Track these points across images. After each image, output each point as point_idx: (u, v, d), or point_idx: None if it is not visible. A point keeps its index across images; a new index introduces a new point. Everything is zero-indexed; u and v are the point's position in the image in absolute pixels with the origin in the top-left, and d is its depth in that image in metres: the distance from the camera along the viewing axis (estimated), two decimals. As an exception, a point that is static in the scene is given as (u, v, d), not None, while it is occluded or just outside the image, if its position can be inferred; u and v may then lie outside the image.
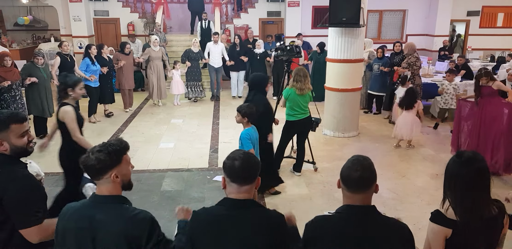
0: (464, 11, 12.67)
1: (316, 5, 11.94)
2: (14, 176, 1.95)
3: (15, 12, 14.07)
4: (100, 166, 1.77)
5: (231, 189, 1.83)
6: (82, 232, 1.75)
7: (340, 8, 6.30)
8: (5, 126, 1.98)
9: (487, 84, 5.37)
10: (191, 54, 9.31)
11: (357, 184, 1.77)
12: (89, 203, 1.83)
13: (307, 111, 5.25)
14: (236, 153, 1.86)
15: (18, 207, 1.92)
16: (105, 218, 1.74)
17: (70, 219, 1.79)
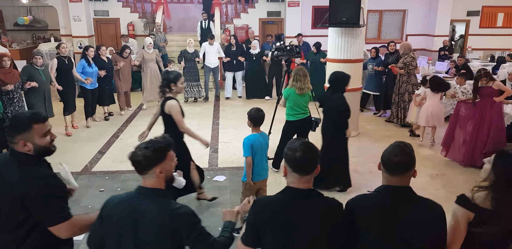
0: (464, 11, 12.67)
1: (316, 5, 11.94)
2: (38, 175, 1.96)
3: (15, 12, 14.08)
4: (146, 162, 1.86)
5: (293, 178, 1.90)
6: (126, 220, 1.84)
7: (340, 8, 6.29)
8: (28, 126, 1.98)
9: (487, 84, 5.39)
10: (187, 55, 9.28)
11: (396, 168, 1.91)
12: (134, 194, 1.91)
13: (307, 111, 5.25)
14: (296, 144, 1.90)
15: (45, 205, 1.93)
16: (148, 209, 1.83)
17: (116, 207, 1.88)
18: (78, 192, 4.93)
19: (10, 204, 1.93)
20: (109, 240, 1.91)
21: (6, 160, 2.02)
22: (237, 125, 7.72)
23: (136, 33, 12.04)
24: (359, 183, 5.11)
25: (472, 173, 5.46)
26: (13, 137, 1.99)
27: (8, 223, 1.97)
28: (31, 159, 2.01)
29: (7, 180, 1.94)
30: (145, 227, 1.81)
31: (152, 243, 1.82)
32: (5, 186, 1.93)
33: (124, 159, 6.20)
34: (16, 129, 1.98)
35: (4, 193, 1.94)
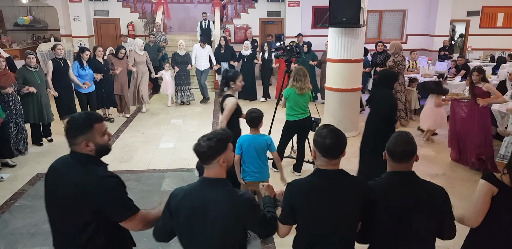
0: (464, 11, 12.68)
1: (316, 5, 11.95)
2: (104, 175, 2.01)
3: (15, 12, 14.07)
4: (211, 152, 1.97)
5: (322, 162, 2.08)
6: (195, 210, 1.96)
7: (340, 8, 6.29)
8: (89, 126, 2.02)
9: (478, 84, 5.36)
10: (178, 58, 9.08)
11: (401, 156, 2.09)
12: (199, 184, 2.02)
13: (307, 111, 5.25)
14: (325, 131, 2.06)
15: (116, 201, 1.99)
16: (215, 198, 1.95)
17: (184, 199, 1.99)
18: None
19: (77, 206, 1.96)
20: (181, 230, 2.03)
21: (68, 162, 2.06)
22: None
23: (136, 33, 12.04)
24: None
25: (472, 173, 5.46)
26: (75, 138, 2.01)
27: (73, 227, 2.00)
28: (93, 159, 2.06)
29: (74, 182, 1.95)
30: (214, 215, 1.94)
31: (221, 229, 1.96)
32: (72, 188, 1.95)
33: (124, 159, 6.24)
34: (78, 130, 2.01)
35: (71, 195, 1.95)
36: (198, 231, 1.97)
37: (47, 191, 2.11)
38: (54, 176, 2.07)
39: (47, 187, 2.11)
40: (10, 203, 4.69)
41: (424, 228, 2.07)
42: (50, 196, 2.09)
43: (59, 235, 2.09)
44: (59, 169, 2.06)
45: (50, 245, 3.80)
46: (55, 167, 2.10)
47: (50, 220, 2.13)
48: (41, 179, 5.34)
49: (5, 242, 3.89)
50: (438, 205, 2.07)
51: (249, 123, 3.80)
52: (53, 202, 2.06)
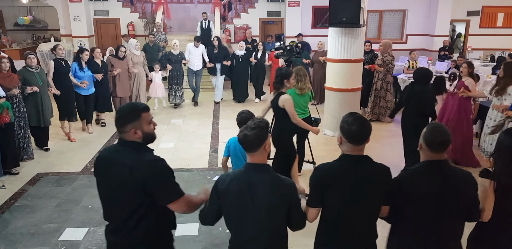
0: (464, 11, 12.67)
1: (316, 5, 11.94)
2: (154, 159, 2.17)
3: (15, 12, 14.07)
4: (259, 140, 2.10)
5: (347, 147, 2.19)
6: (242, 193, 2.09)
7: (340, 8, 6.29)
8: (137, 115, 2.18)
9: (464, 77, 5.61)
10: (172, 57, 8.82)
11: (438, 147, 2.20)
12: (244, 170, 2.15)
13: (307, 111, 5.25)
14: (351, 118, 2.17)
15: (166, 184, 2.14)
16: (260, 181, 2.09)
17: (231, 184, 2.12)
18: (78, 192, 4.97)
19: (131, 190, 2.11)
20: (229, 212, 2.16)
21: (119, 149, 2.21)
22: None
23: (136, 33, 12.04)
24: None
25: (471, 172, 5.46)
26: (124, 126, 2.17)
27: (126, 209, 2.16)
28: (142, 146, 2.22)
29: (127, 167, 2.09)
30: (260, 196, 2.07)
31: (267, 210, 2.08)
32: (125, 173, 2.09)
33: (124, 159, 6.22)
34: (127, 118, 2.17)
35: (124, 180, 2.10)
36: (247, 211, 2.10)
37: (100, 179, 2.27)
38: (106, 164, 2.21)
39: (100, 175, 2.26)
40: (10, 203, 4.69)
41: (457, 212, 2.20)
42: (103, 183, 2.24)
43: (114, 219, 2.26)
44: (110, 157, 2.21)
45: (50, 245, 3.82)
46: (105, 156, 2.26)
47: (105, 206, 2.30)
48: (41, 179, 5.34)
49: (5, 242, 3.89)
50: (469, 190, 2.23)
51: (239, 124, 3.69)
52: (108, 188, 2.22)
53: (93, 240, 3.93)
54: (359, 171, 2.15)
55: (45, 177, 5.42)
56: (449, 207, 2.17)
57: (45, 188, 5.08)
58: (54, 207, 4.58)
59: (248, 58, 9.55)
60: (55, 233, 4.05)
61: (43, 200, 4.76)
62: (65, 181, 5.28)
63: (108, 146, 2.33)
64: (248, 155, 2.16)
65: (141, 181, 2.08)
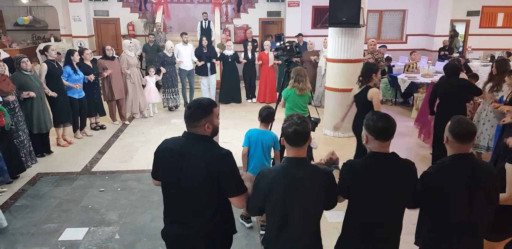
0: (464, 11, 12.67)
1: (316, 5, 11.94)
2: (226, 152, 2.22)
3: (15, 12, 14.07)
4: (307, 134, 2.18)
5: (374, 144, 2.24)
6: (288, 186, 2.12)
7: (340, 8, 6.29)
8: (210, 110, 2.27)
9: None
10: (166, 58, 8.56)
11: (466, 137, 2.27)
12: (287, 164, 2.18)
13: (307, 112, 5.25)
14: (375, 116, 2.24)
15: (234, 177, 2.22)
16: (304, 175, 2.14)
17: (276, 178, 2.14)
18: (78, 192, 4.97)
19: (206, 182, 2.18)
20: (274, 205, 2.16)
21: (190, 143, 2.26)
22: (237, 125, 7.72)
23: (136, 33, 12.04)
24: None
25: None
26: (198, 121, 2.25)
27: (202, 199, 2.23)
28: (211, 139, 2.28)
29: (202, 160, 2.16)
30: (305, 188, 2.12)
31: (312, 200, 2.15)
32: (201, 166, 2.16)
33: (124, 159, 6.24)
34: (202, 113, 2.26)
35: (200, 172, 2.17)
36: (293, 203, 2.12)
37: (169, 172, 2.27)
38: (177, 157, 2.23)
39: (170, 168, 2.27)
40: (10, 203, 4.69)
41: (484, 201, 2.30)
42: (173, 176, 2.26)
43: (183, 212, 2.29)
44: (181, 150, 2.24)
45: (50, 245, 3.82)
46: (173, 149, 2.28)
47: (172, 200, 2.32)
48: (41, 179, 5.34)
49: (5, 242, 3.89)
50: (494, 180, 2.32)
51: (264, 118, 3.93)
52: (179, 181, 2.23)
53: (93, 240, 3.93)
54: (388, 167, 2.21)
55: (45, 177, 5.42)
56: (478, 198, 2.26)
57: (45, 188, 5.07)
58: (54, 207, 4.57)
59: (237, 58, 9.42)
60: (55, 233, 4.05)
61: (43, 200, 4.76)
62: (65, 181, 5.28)
63: (170, 139, 2.39)
64: (291, 149, 2.19)
65: (216, 173, 2.15)
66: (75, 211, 4.50)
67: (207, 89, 9.37)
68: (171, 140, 2.38)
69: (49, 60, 6.27)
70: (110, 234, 4.03)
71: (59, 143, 6.53)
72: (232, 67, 9.42)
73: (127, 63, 7.79)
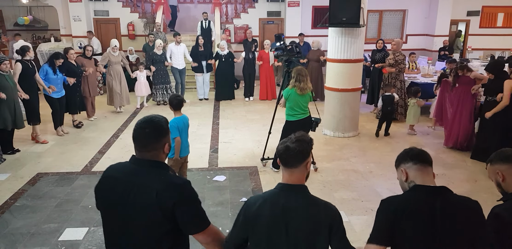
0: (464, 11, 12.68)
1: (316, 5, 11.95)
2: (182, 182, 1.88)
3: (15, 12, 14.07)
4: (302, 154, 1.86)
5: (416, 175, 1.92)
6: (275, 218, 1.82)
7: (340, 8, 6.29)
8: (167, 129, 2.00)
9: (465, 74, 6.11)
10: (155, 57, 9.07)
11: None
12: (277, 192, 1.89)
13: (307, 112, 5.25)
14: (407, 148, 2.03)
15: (195, 211, 1.89)
16: (297, 205, 1.82)
17: (261, 207, 1.85)
18: (78, 192, 4.97)
19: (158, 215, 1.82)
20: (257, 239, 1.88)
21: (138, 170, 1.90)
22: (237, 124, 7.72)
23: (136, 33, 12.04)
24: (359, 183, 5.11)
25: (471, 172, 5.46)
26: (159, 141, 1.91)
27: (150, 236, 1.86)
28: (166, 166, 1.94)
29: (153, 191, 1.81)
30: (296, 222, 1.81)
31: (305, 237, 1.82)
32: (151, 198, 1.81)
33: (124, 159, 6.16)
34: (162, 132, 1.93)
35: (149, 205, 1.81)
36: (279, 238, 1.83)
37: (111, 204, 1.91)
38: (123, 187, 1.87)
39: (111, 200, 1.90)
40: (10, 203, 4.69)
41: None
42: (118, 209, 1.89)
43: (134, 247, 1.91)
44: (128, 179, 1.88)
45: (50, 245, 3.82)
46: (118, 177, 1.92)
47: (114, 237, 1.95)
48: (41, 179, 5.34)
49: (5, 242, 3.89)
50: None
51: (175, 106, 4.24)
52: (124, 216, 1.87)
53: (93, 240, 3.92)
54: (437, 204, 1.83)
55: (45, 177, 5.42)
56: None
57: (45, 188, 5.07)
58: (54, 207, 4.57)
59: (231, 58, 9.55)
60: (55, 233, 4.04)
61: (43, 200, 4.76)
62: (65, 181, 5.28)
63: (116, 165, 2.02)
64: (285, 171, 1.90)
65: (169, 207, 1.81)
66: (75, 211, 4.50)
67: (202, 86, 9.78)
68: (116, 167, 1.99)
69: (24, 60, 6.35)
70: (110, 234, 4.03)
71: (38, 140, 6.66)
72: (226, 66, 9.58)
73: (109, 60, 8.26)
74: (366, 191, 4.88)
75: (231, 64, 9.69)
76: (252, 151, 6.33)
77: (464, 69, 6.12)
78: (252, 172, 5.52)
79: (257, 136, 6.98)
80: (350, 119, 6.95)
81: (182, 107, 4.31)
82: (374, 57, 8.43)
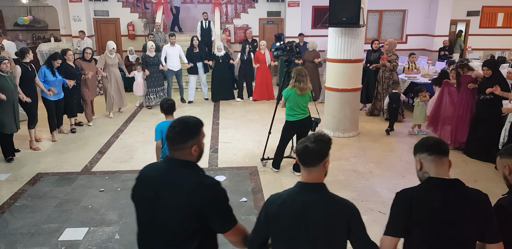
0: (464, 11, 12.68)
1: (316, 5, 11.95)
2: (212, 182, 1.94)
3: (15, 12, 14.08)
4: (323, 154, 1.94)
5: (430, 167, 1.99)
6: (295, 216, 1.87)
7: (340, 8, 6.29)
8: (198, 131, 2.01)
9: (467, 73, 6.11)
10: (148, 60, 8.76)
11: None
12: (297, 190, 1.94)
13: (307, 112, 5.25)
14: (424, 138, 2.08)
15: (224, 211, 1.94)
16: (315, 202, 1.88)
17: (282, 206, 1.90)
18: (78, 192, 4.97)
19: (187, 214, 1.88)
20: (279, 236, 1.94)
21: (170, 170, 1.97)
22: (237, 124, 7.72)
23: (136, 33, 12.04)
24: (359, 183, 5.11)
25: (471, 172, 5.47)
26: (185, 143, 1.95)
27: (180, 235, 1.92)
28: (196, 166, 1.99)
29: (183, 190, 1.88)
30: (316, 219, 1.86)
31: (324, 233, 1.87)
32: (181, 198, 1.87)
33: (124, 159, 6.24)
34: (189, 134, 1.98)
35: (180, 205, 1.88)
36: (300, 235, 1.88)
37: (144, 203, 2.02)
38: (155, 186, 1.97)
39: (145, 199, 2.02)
40: (10, 203, 4.69)
41: None
42: (149, 209, 1.98)
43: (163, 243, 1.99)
44: (159, 179, 1.98)
45: (50, 245, 3.82)
46: (151, 176, 2.03)
47: (146, 234, 2.05)
48: (41, 179, 5.34)
49: (5, 242, 3.89)
50: None
51: (166, 110, 4.10)
52: (156, 215, 1.96)
53: (93, 240, 3.93)
54: (449, 196, 1.91)
55: (45, 177, 5.42)
56: None
57: (45, 188, 5.07)
58: (54, 207, 4.57)
59: (228, 59, 9.51)
60: (55, 233, 4.05)
61: (43, 200, 4.76)
62: (65, 181, 5.28)
63: (151, 165, 2.13)
64: (303, 171, 1.95)
65: (199, 206, 1.87)
66: (75, 211, 4.50)
67: (193, 87, 9.59)
68: (150, 166, 2.12)
69: (23, 62, 6.19)
70: (110, 234, 4.03)
71: (33, 146, 6.41)
72: (223, 67, 9.52)
73: (106, 63, 7.92)
74: (366, 191, 4.88)
75: (228, 65, 9.65)
76: (252, 151, 6.33)
77: (464, 67, 6.12)
78: (252, 172, 5.52)
79: (257, 136, 6.98)
80: (350, 119, 6.95)
81: (173, 112, 4.14)
82: (370, 58, 8.46)
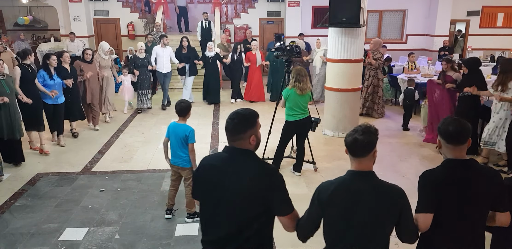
0: (464, 11, 12.68)
1: (316, 5, 11.95)
2: (273, 169, 2.14)
3: (15, 12, 14.09)
4: (369, 145, 2.04)
5: (447, 150, 2.18)
6: (347, 201, 2.00)
7: (340, 8, 6.29)
8: (254, 121, 2.11)
9: (449, 72, 6.20)
10: (137, 61, 8.38)
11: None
12: (348, 178, 2.07)
13: (307, 112, 5.25)
14: (447, 119, 2.20)
15: (284, 195, 2.07)
16: (368, 190, 2.00)
17: (335, 192, 2.02)
18: (78, 192, 4.97)
19: (251, 198, 2.02)
20: (332, 221, 2.06)
21: (233, 158, 2.10)
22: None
23: (136, 33, 12.04)
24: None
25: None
26: (244, 132, 2.07)
27: (243, 218, 2.05)
28: (255, 154, 2.12)
29: (247, 176, 2.02)
30: (367, 203, 1.98)
31: (375, 217, 1.99)
32: (245, 183, 2.01)
33: (124, 159, 6.24)
34: (247, 124, 2.09)
35: (244, 190, 2.02)
36: (352, 224, 2.00)
37: (211, 189, 2.11)
38: (219, 173, 2.08)
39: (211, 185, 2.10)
40: (10, 203, 4.69)
41: None
42: (215, 193, 2.09)
43: (223, 230, 2.09)
44: (224, 166, 2.09)
45: (50, 245, 3.82)
46: (215, 165, 2.13)
47: (211, 219, 2.14)
48: (41, 179, 5.34)
49: (5, 242, 3.89)
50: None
51: (178, 112, 4.06)
52: (221, 200, 2.08)
53: (93, 240, 3.93)
54: (469, 174, 2.12)
55: (45, 177, 5.42)
56: None
57: (45, 188, 5.07)
58: (54, 207, 4.57)
59: (218, 60, 9.31)
60: (55, 233, 4.05)
61: (43, 200, 4.76)
62: (65, 181, 5.28)
63: (211, 155, 2.24)
64: (353, 160, 2.07)
65: (262, 191, 2.01)
66: (75, 211, 4.50)
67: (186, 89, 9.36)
68: (212, 156, 2.24)
69: (23, 64, 6.00)
70: (110, 234, 4.03)
71: (31, 146, 6.32)
72: (214, 68, 9.31)
73: (99, 64, 7.53)
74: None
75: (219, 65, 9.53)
76: (252, 151, 6.32)
77: (449, 63, 6.21)
78: (252, 172, 5.50)
79: (257, 136, 6.96)
80: (350, 119, 6.95)
81: (186, 115, 4.06)
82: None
